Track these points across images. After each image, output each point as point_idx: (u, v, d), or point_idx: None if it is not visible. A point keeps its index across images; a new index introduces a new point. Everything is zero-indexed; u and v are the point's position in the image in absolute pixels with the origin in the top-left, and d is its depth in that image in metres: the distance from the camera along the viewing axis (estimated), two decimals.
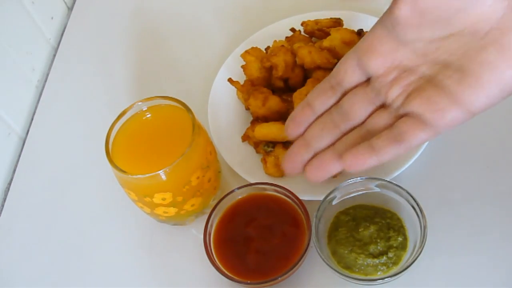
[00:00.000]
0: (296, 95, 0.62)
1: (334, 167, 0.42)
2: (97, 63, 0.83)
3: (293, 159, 0.44)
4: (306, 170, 0.43)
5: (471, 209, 0.58)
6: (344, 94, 0.44)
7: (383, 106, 0.42)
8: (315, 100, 0.45)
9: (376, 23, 0.42)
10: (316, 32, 0.71)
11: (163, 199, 0.55)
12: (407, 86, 0.41)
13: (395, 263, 0.54)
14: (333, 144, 0.43)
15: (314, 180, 0.42)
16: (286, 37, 0.72)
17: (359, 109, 0.42)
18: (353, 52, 0.43)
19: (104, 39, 0.86)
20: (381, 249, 0.54)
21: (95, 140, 0.60)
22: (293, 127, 0.45)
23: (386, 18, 0.41)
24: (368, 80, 0.43)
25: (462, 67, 0.39)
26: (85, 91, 0.80)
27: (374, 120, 0.42)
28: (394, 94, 0.41)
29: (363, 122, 0.42)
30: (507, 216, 0.57)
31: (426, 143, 0.60)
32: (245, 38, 0.75)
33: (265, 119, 0.64)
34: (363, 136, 0.42)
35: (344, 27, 0.70)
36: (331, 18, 0.72)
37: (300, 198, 0.57)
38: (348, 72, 0.43)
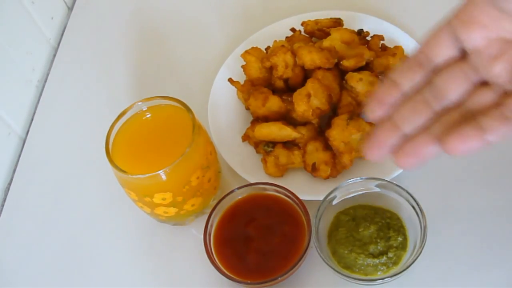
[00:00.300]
0: (296, 95, 0.62)
1: (431, 152, 0.37)
2: (97, 63, 0.83)
3: (379, 144, 0.38)
4: (397, 157, 0.37)
5: (471, 209, 0.58)
6: (434, 71, 0.39)
7: (483, 83, 0.38)
8: (401, 78, 0.39)
9: None
10: (316, 32, 0.71)
11: (163, 199, 0.55)
12: None
13: (395, 263, 0.54)
14: (425, 126, 0.38)
15: (407, 168, 0.38)
16: (286, 37, 0.72)
17: (455, 87, 0.38)
18: (446, 24, 0.38)
19: (104, 39, 0.86)
20: (381, 249, 0.54)
21: (95, 140, 0.60)
22: (377, 108, 0.39)
23: None
24: (462, 55, 0.39)
25: None
26: (85, 91, 0.80)
27: (477, 99, 0.37)
28: (499, 70, 0.37)
29: (458, 102, 0.38)
30: (507, 216, 0.57)
31: None
32: (245, 38, 0.75)
33: (265, 119, 0.64)
34: (463, 116, 0.37)
35: (344, 27, 0.70)
36: (331, 18, 0.72)
37: (300, 198, 0.57)
38: (441, 46, 0.39)
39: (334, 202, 0.57)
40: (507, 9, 0.37)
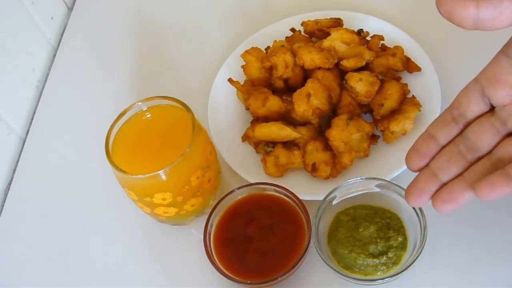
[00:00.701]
0: (296, 95, 0.62)
1: (465, 198, 0.41)
2: (97, 63, 0.83)
3: (420, 191, 0.43)
4: (435, 203, 0.42)
5: (471, 209, 0.58)
6: (467, 124, 0.44)
7: (510, 135, 0.42)
8: (438, 132, 0.45)
9: (498, 54, 0.42)
10: (316, 32, 0.71)
11: (163, 199, 0.55)
12: None
13: (395, 263, 0.54)
14: (460, 174, 0.43)
15: (444, 212, 0.42)
16: (286, 37, 0.72)
17: (486, 139, 0.42)
18: (475, 83, 0.43)
19: (104, 39, 0.86)
20: (381, 249, 0.54)
21: (95, 140, 0.60)
22: (417, 159, 0.45)
23: (510, 49, 0.41)
24: (491, 110, 0.43)
25: None
26: (85, 91, 0.80)
27: (505, 149, 0.42)
28: None
29: (489, 152, 0.43)
30: (507, 216, 0.57)
31: None
32: (245, 38, 0.75)
33: (265, 119, 0.64)
34: (493, 164, 0.41)
35: (344, 27, 0.70)
36: (331, 18, 0.72)
37: (300, 198, 0.57)
38: (471, 104, 0.43)
39: (334, 202, 0.57)
40: None
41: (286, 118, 0.65)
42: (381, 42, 0.68)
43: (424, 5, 0.77)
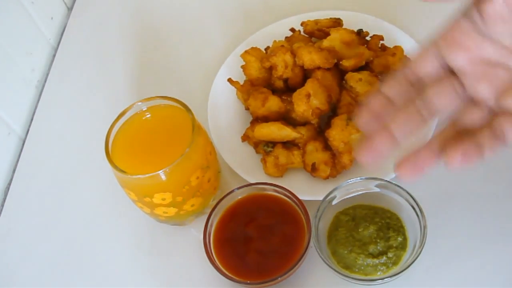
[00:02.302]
0: (295, 95, 0.62)
1: (432, 165, 0.39)
2: (97, 63, 0.83)
3: (375, 149, 0.40)
4: (399, 169, 0.40)
5: (471, 209, 0.58)
6: (423, 84, 0.41)
7: (471, 101, 0.40)
8: (391, 90, 0.42)
9: (459, 15, 0.39)
10: (316, 32, 0.71)
11: (163, 199, 0.55)
12: (497, 82, 0.39)
13: (395, 263, 0.54)
14: (417, 134, 0.40)
15: (408, 179, 0.40)
16: (286, 37, 0.72)
17: (447, 102, 0.40)
18: (433, 44, 0.41)
19: (104, 39, 0.86)
20: (380, 249, 0.54)
21: (95, 140, 0.60)
22: (368, 117, 0.42)
23: (472, 11, 0.38)
24: (450, 73, 0.41)
25: None
26: (85, 91, 0.80)
27: (469, 116, 0.40)
28: (485, 91, 0.39)
29: (454, 118, 0.40)
30: (507, 216, 0.57)
31: None
32: (245, 38, 0.75)
33: (265, 119, 0.64)
34: (459, 132, 0.40)
35: (344, 27, 0.70)
36: (331, 18, 0.72)
37: (300, 198, 0.57)
38: (427, 65, 0.41)
39: (334, 202, 0.57)
40: (491, 33, 0.39)
41: (286, 118, 0.65)
42: (381, 42, 0.68)
43: (424, 5, 0.77)
